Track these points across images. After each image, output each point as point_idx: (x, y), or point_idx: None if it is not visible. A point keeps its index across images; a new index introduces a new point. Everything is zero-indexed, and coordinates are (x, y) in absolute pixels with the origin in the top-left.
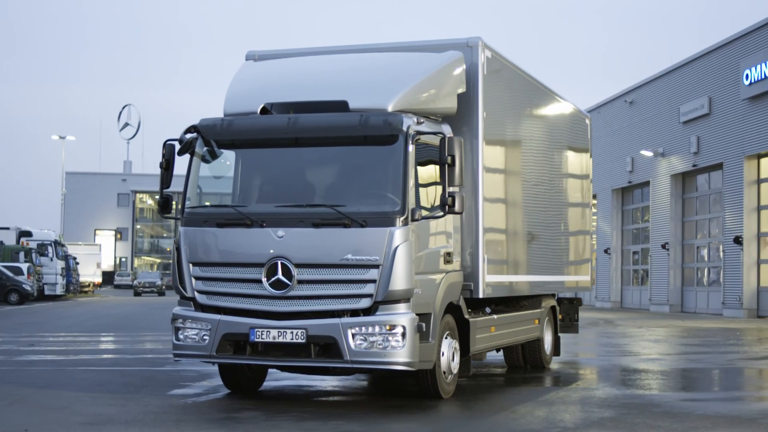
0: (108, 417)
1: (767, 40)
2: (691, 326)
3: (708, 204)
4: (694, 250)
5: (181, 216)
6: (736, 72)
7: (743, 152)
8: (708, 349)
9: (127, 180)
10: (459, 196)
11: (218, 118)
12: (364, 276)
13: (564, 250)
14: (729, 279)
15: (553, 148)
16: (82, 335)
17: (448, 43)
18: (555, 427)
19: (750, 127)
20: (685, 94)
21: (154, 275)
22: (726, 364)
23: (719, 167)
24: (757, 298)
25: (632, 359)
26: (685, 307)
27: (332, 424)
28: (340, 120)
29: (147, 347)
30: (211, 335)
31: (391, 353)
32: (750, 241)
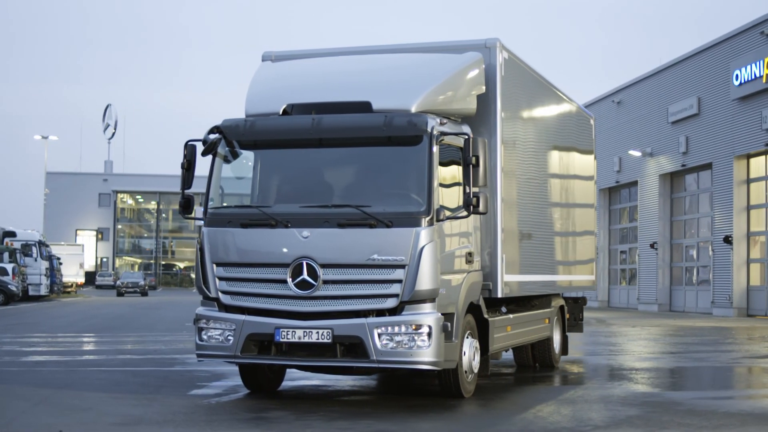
0: (137, 417)
1: (757, 40)
2: (684, 325)
3: (697, 204)
4: (682, 249)
5: (204, 216)
6: (725, 72)
7: (733, 152)
8: (708, 348)
9: (108, 180)
10: (483, 197)
11: (241, 119)
12: (390, 276)
13: (572, 249)
14: (719, 278)
15: (562, 149)
16: (80, 336)
17: (466, 44)
18: (586, 426)
19: (740, 127)
20: (674, 95)
21: (137, 275)
22: (731, 362)
23: (708, 167)
24: (746, 297)
25: (636, 358)
26: (673, 306)
27: (363, 423)
28: (365, 121)
29: (150, 348)
30: (236, 335)
31: (417, 353)
32: (740, 241)
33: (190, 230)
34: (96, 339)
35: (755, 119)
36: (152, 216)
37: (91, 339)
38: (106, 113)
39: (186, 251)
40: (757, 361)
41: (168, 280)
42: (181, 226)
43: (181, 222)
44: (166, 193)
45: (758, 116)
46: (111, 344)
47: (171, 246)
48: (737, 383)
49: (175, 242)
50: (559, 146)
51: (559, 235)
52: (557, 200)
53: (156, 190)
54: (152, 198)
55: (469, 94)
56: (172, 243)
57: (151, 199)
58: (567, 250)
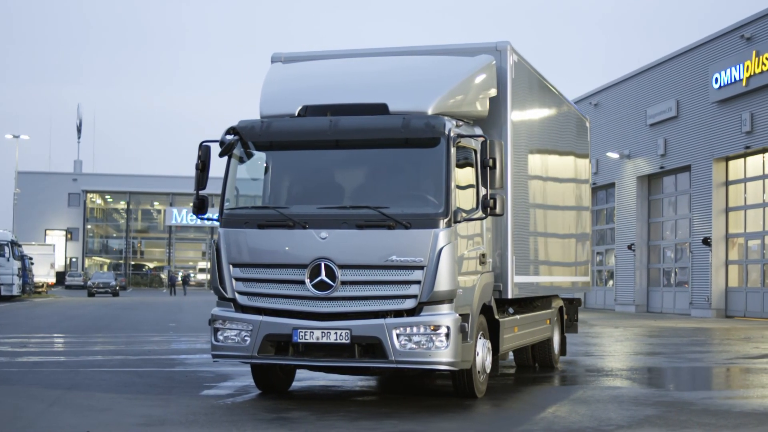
0: (160, 418)
1: (738, 44)
2: (666, 326)
3: (674, 205)
4: (659, 251)
5: (220, 217)
6: (705, 75)
7: (712, 154)
8: (699, 348)
9: (77, 180)
10: (500, 198)
11: (257, 120)
12: (409, 277)
13: (572, 251)
14: (697, 279)
15: (563, 152)
16: (67, 336)
17: (477, 46)
18: (609, 425)
19: (719, 130)
20: (652, 97)
21: (109, 276)
22: (726, 362)
23: (687, 169)
24: (725, 298)
25: (631, 358)
26: (650, 308)
27: (388, 423)
28: (383, 122)
29: (144, 348)
30: (253, 336)
31: (435, 353)
32: (718, 242)
33: (158, 230)
34: (85, 340)
35: (735, 122)
36: (121, 216)
37: (80, 340)
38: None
39: (155, 251)
40: (752, 362)
41: (138, 281)
42: (150, 226)
43: (150, 222)
44: (135, 193)
45: (738, 119)
46: (103, 345)
47: (140, 246)
48: (740, 383)
49: (144, 242)
50: (561, 149)
51: (560, 236)
52: (559, 202)
53: (126, 190)
54: (122, 198)
55: (482, 97)
56: (140, 243)
57: (121, 199)
58: (567, 251)
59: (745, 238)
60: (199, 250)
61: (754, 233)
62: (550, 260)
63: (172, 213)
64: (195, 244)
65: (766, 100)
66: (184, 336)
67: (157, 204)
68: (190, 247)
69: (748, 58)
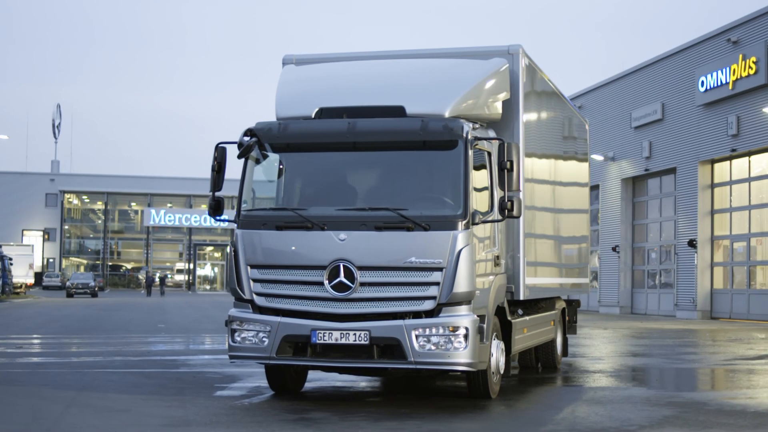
0: (182, 419)
1: (724, 48)
2: (653, 327)
3: (659, 208)
4: (643, 252)
5: (237, 219)
6: (690, 79)
7: (698, 157)
8: (693, 349)
9: (55, 180)
10: (517, 201)
11: (274, 122)
12: (428, 278)
13: (574, 253)
14: (682, 281)
15: (567, 155)
16: (60, 337)
17: (490, 49)
18: (631, 425)
19: (705, 133)
20: (638, 100)
21: (87, 276)
22: (725, 363)
23: (672, 172)
24: (710, 299)
25: (629, 359)
26: (635, 309)
27: (411, 423)
28: (401, 125)
29: (142, 349)
30: (271, 337)
31: (454, 354)
32: (704, 244)
33: (136, 231)
34: (80, 341)
35: (721, 125)
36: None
37: (74, 341)
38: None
39: (132, 252)
40: (751, 363)
41: (115, 281)
42: (127, 226)
43: (127, 222)
44: (113, 194)
45: (724, 122)
46: (99, 346)
47: (116, 247)
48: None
49: (121, 243)
50: (565, 152)
51: (563, 239)
52: (563, 205)
53: (104, 191)
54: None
55: (496, 100)
56: (117, 244)
57: (98, 200)
58: (569, 253)
59: (731, 240)
60: (176, 251)
61: (740, 235)
62: (554, 262)
63: (150, 213)
64: (172, 245)
65: (752, 103)
66: (177, 337)
67: (135, 205)
68: (168, 247)
69: (735, 62)
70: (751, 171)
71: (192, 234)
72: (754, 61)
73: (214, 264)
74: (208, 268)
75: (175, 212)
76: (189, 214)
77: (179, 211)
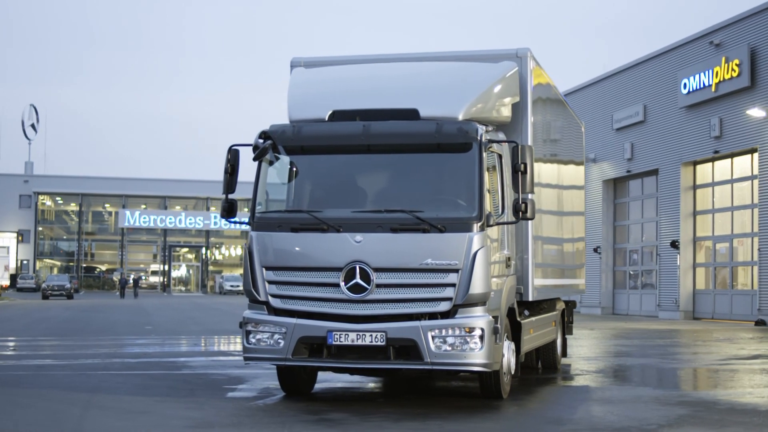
0: (204, 421)
1: (707, 50)
2: (639, 327)
3: (641, 209)
4: (625, 253)
5: (251, 221)
6: (673, 81)
7: (680, 159)
8: (684, 349)
9: (29, 181)
10: (531, 203)
11: (288, 125)
12: (444, 280)
13: (573, 254)
14: (665, 282)
15: (568, 158)
16: (49, 339)
17: (499, 53)
18: (650, 424)
19: (687, 135)
20: (619, 102)
21: (63, 278)
22: (721, 363)
23: (654, 173)
24: (692, 300)
25: (625, 359)
26: (616, 309)
27: (432, 424)
28: (416, 128)
29: (137, 351)
30: (287, 338)
31: (470, 355)
32: (686, 245)
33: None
34: (72, 343)
35: (704, 127)
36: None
37: (65, 343)
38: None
39: (106, 254)
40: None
41: (90, 283)
42: (101, 228)
43: (101, 224)
44: (87, 195)
45: (707, 124)
46: (93, 348)
47: (90, 248)
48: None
49: (96, 244)
50: (566, 154)
51: (564, 240)
52: (565, 207)
53: (78, 192)
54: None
55: (507, 103)
56: (90, 246)
57: (72, 201)
58: (569, 255)
59: (713, 241)
60: (150, 252)
61: (722, 236)
62: (558, 264)
63: (125, 215)
64: (146, 246)
65: (735, 105)
66: (168, 339)
67: (109, 206)
68: (142, 249)
69: (718, 64)
70: (734, 172)
71: (167, 235)
72: (737, 64)
73: (189, 266)
74: (183, 270)
75: (149, 213)
76: (164, 215)
77: (154, 212)
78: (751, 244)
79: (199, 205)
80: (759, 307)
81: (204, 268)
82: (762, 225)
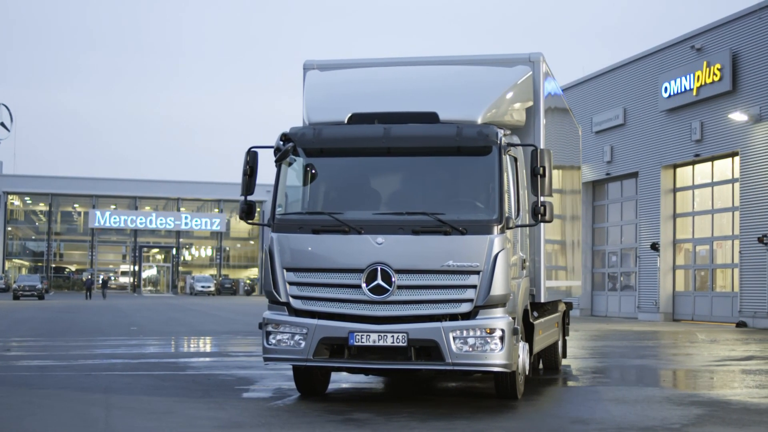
0: (231, 421)
1: (687, 54)
2: (622, 329)
3: (620, 211)
4: (603, 255)
5: (272, 222)
6: (653, 85)
7: (660, 162)
8: (676, 351)
9: None
10: (549, 206)
11: (308, 127)
12: (465, 282)
13: (572, 256)
14: (644, 284)
15: (570, 163)
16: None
17: (513, 57)
18: (673, 423)
19: (667, 138)
20: (598, 105)
21: (34, 278)
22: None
23: (633, 176)
24: (672, 302)
25: (620, 360)
26: (595, 311)
27: (459, 423)
28: (437, 131)
29: (132, 352)
30: (308, 339)
31: (490, 355)
32: (666, 248)
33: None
34: (64, 343)
35: (684, 130)
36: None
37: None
38: None
39: (75, 254)
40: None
41: (60, 284)
42: (70, 228)
43: (71, 224)
44: (57, 195)
45: (687, 128)
46: (85, 348)
47: (58, 249)
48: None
49: (65, 245)
50: (568, 157)
51: (566, 242)
52: (567, 211)
53: (48, 192)
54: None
55: (522, 107)
56: (59, 246)
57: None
58: (569, 256)
59: (693, 244)
60: (119, 252)
61: (702, 239)
62: (562, 266)
63: (95, 215)
64: (116, 247)
65: (716, 109)
66: (159, 340)
67: (78, 206)
68: (111, 249)
69: (699, 68)
70: (714, 176)
71: (137, 236)
72: (719, 68)
73: (159, 267)
74: (152, 270)
75: (120, 214)
76: (134, 215)
77: (124, 212)
78: (732, 246)
79: (169, 205)
80: (740, 309)
81: (174, 268)
82: (743, 228)
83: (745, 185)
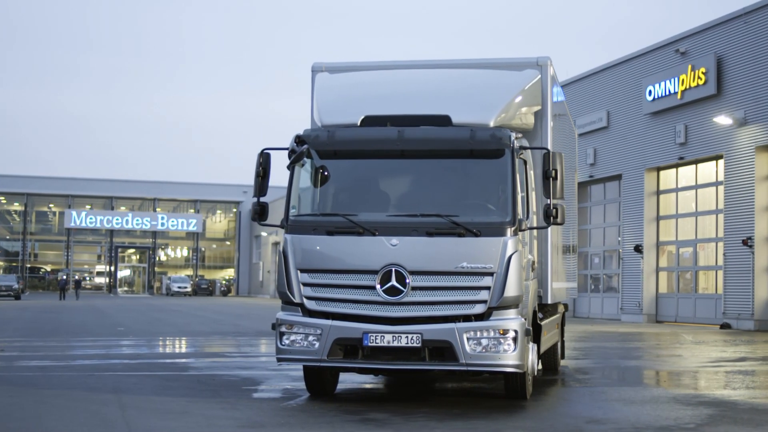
0: (251, 421)
1: (672, 58)
2: (607, 330)
3: (603, 213)
4: (586, 257)
5: (286, 224)
6: (637, 88)
7: (644, 164)
8: (667, 352)
9: None
10: (561, 208)
11: (322, 129)
12: (479, 283)
13: (571, 258)
14: (628, 285)
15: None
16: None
17: (521, 61)
18: (687, 423)
19: (652, 141)
20: (582, 107)
21: (10, 278)
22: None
23: (617, 178)
24: (655, 303)
25: (616, 361)
26: (577, 313)
27: (476, 423)
28: (450, 134)
29: (128, 352)
30: (322, 340)
31: (503, 356)
32: (649, 250)
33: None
34: (56, 344)
35: (668, 134)
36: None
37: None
38: None
39: (50, 254)
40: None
41: (35, 284)
42: (45, 228)
43: (46, 224)
44: (32, 195)
45: (671, 131)
46: (78, 349)
47: (34, 249)
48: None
49: (40, 245)
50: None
51: (567, 245)
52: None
53: (23, 192)
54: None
55: (530, 110)
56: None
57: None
58: (570, 259)
59: (677, 246)
60: (95, 253)
61: (685, 241)
62: (563, 267)
63: (71, 215)
64: (91, 247)
65: (701, 112)
66: (150, 340)
67: (53, 206)
68: (86, 249)
69: (684, 72)
70: (698, 178)
71: (113, 236)
72: (704, 72)
73: (135, 268)
74: (128, 271)
75: (95, 214)
76: (110, 216)
77: (100, 212)
78: (715, 248)
79: (145, 205)
80: (724, 310)
81: (150, 269)
82: (727, 230)
83: (729, 188)
